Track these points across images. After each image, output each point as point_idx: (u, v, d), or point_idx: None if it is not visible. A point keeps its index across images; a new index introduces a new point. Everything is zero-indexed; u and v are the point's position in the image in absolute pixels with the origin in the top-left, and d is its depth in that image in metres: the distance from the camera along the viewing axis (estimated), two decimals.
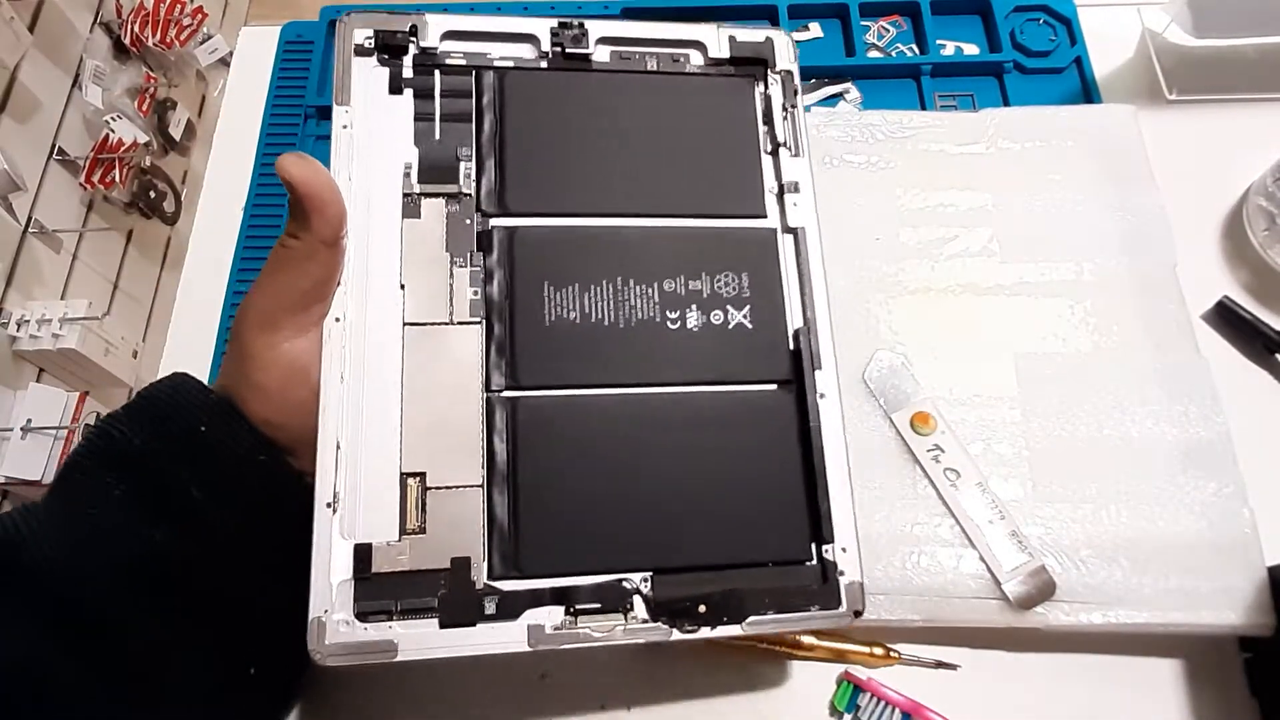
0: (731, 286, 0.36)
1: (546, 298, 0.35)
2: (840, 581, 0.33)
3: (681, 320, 0.35)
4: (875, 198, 0.51)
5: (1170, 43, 0.57)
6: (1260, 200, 0.51)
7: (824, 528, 0.34)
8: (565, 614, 0.31)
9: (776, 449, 0.35)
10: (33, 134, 1.04)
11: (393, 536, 0.32)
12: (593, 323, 0.35)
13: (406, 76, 0.37)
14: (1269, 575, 0.40)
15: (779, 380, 0.36)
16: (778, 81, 0.39)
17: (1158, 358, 0.46)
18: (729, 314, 0.36)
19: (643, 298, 0.35)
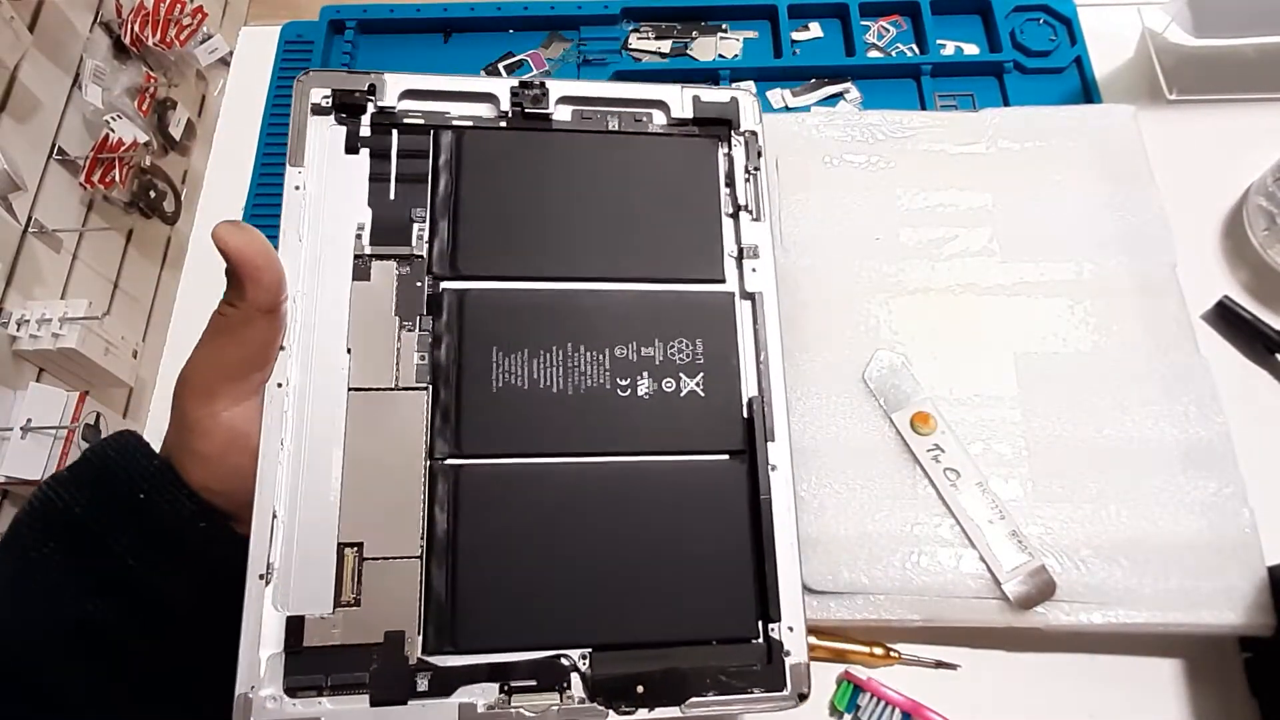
0: (685, 353, 0.35)
1: (495, 363, 0.34)
2: (786, 663, 0.32)
3: (632, 388, 0.34)
4: (875, 198, 0.51)
5: (1170, 43, 0.57)
6: (1260, 200, 0.51)
7: (770, 606, 0.32)
8: (500, 692, 0.30)
9: (725, 521, 0.34)
10: (33, 134, 1.04)
11: (327, 609, 0.31)
12: (541, 389, 0.34)
13: (364, 135, 0.36)
14: (1269, 575, 0.40)
15: (730, 451, 0.34)
16: (741, 143, 0.38)
17: (1158, 358, 0.46)
18: (681, 381, 0.35)
19: (593, 364, 0.34)
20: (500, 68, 0.60)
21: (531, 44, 0.61)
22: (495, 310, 0.35)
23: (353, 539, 0.31)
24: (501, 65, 0.60)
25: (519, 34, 0.62)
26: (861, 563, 0.42)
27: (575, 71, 0.60)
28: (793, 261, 0.49)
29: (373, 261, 0.35)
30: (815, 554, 0.42)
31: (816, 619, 0.41)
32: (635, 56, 0.60)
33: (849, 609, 0.41)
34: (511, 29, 0.62)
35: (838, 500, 0.43)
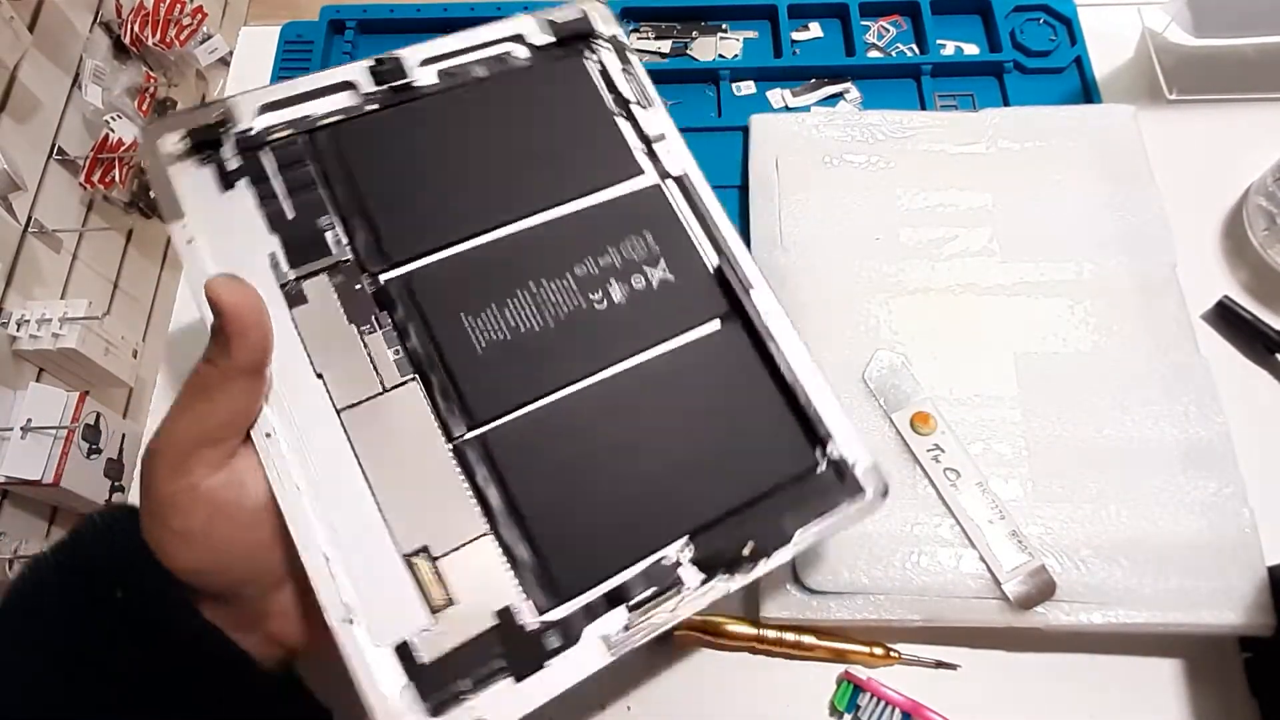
0: (640, 247, 0.36)
1: (469, 328, 0.34)
2: (855, 472, 0.34)
3: (606, 297, 0.35)
4: (875, 198, 0.51)
5: (1170, 42, 0.57)
6: (1260, 200, 0.51)
7: (817, 429, 0.34)
8: (628, 611, 0.31)
9: (744, 377, 0.35)
10: (33, 134, 1.04)
11: (425, 622, 0.30)
12: (523, 334, 0.34)
13: (235, 168, 0.35)
14: (1269, 575, 0.40)
15: (720, 315, 0.36)
16: (607, 47, 0.39)
17: (1158, 358, 0.46)
18: (649, 274, 0.36)
19: (561, 291, 0.35)
20: None
21: None
22: (446, 280, 0.34)
23: (415, 546, 0.31)
24: None
25: None
26: (861, 563, 0.42)
27: None
28: (793, 261, 0.49)
29: (302, 283, 0.34)
30: (815, 554, 0.42)
31: (816, 619, 0.41)
32: None
33: (849, 609, 0.41)
34: None
35: None
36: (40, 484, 0.92)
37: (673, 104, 0.58)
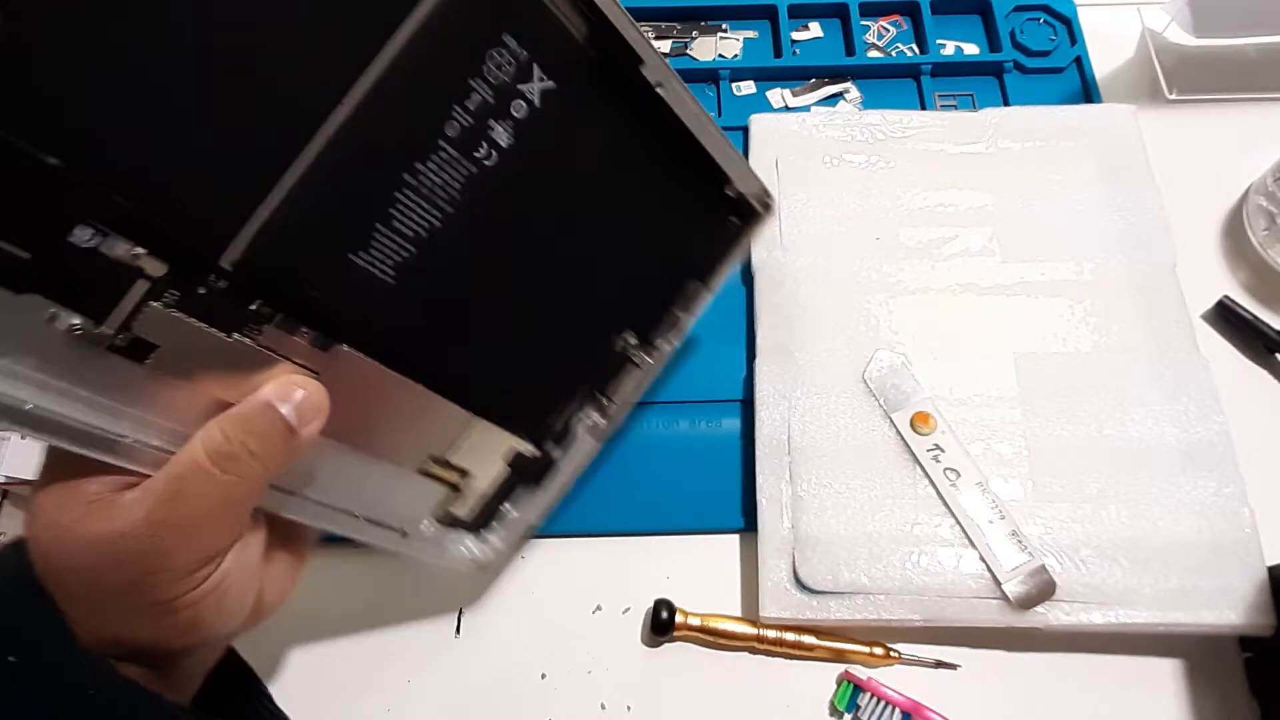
0: (506, 62, 0.28)
1: (371, 265, 0.27)
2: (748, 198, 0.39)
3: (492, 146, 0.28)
4: (875, 198, 0.51)
5: (1170, 42, 0.57)
6: (1260, 200, 0.51)
7: (730, 184, 0.38)
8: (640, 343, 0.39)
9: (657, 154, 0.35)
10: None
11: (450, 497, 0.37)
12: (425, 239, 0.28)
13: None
14: (1269, 575, 0.40)
15: (612, 104, 0.32)
16: None
17: (1158, 358, 0.46)
18: (526, 92, 0.28)
19: (442, 167, 0.27)
20: None
21: None
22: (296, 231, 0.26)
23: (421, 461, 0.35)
24: None
25: None
26: (861, 563, 0.42)
27: None
28: (793, 261, 0.49)
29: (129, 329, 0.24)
30: (815, 554, 0.42)
31: (816, 619, 0.41)
32: None
33: (849, 609, 0.41)
34: None
35: (838, 500, 0.43)
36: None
37: None
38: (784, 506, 0.43)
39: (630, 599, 0.44)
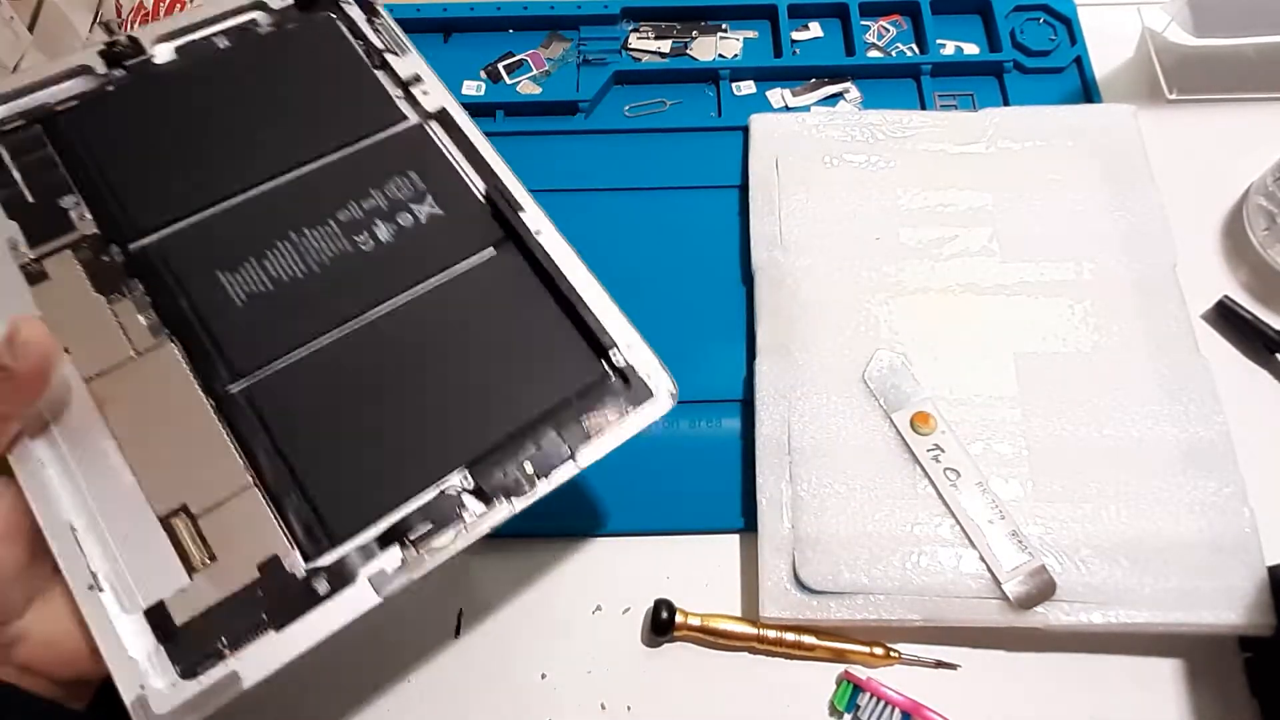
0: (405, 187, 0.36)
1: (227, 283, 0.34)
2: (641, 376, 0.34)
3: (371, 238, 0.35)
4: (875, 198, 0.51)
5: (1170, 42, 0.57)
6: (1260, 200, 0.51)
7: (602, 339, 0.34)
8: (402, 549, 0.30)
9: (522, 299, 0.35)
10: None
11: (182, 582, 0.29)
12: (285, 282, 0.34)
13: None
14: (1269, 575, 0.40)
15: (493, 242, 0.36)
16: (350, 2, 0.40)
17: (1158, 358, 0.46)
18: (415, 210, 0.36)
19: (325, 238, 0.35)
20: (500, 68, 0.60)
21: (531, 44, 0.61)
22: (199, 240, 0.35)
23: (172, 506, 0.30)
24: (501, 65, 0.60)
25: (519, 34, 0.62)
26: (861, 563, 0.42)
27: (575, 71, 0.60)
28: (793, 261, 0.49)
29: (43, 261, 0.34)
30: (815, 554, 0.42)
31: (816, 619, 0.41)
32: (635, 56, 0.60)
33: (849, 609, 0.41)
34: (511, 29, 0.62)
35: (838, 500, 0.43)
36: None
37: (673, 104, 0.58)
38: (784, 506, 0.43)
39: (630, 599, 0.44)
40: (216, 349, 0.33)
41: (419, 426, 0.32)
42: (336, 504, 0.31)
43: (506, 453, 0.32)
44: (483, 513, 0.31)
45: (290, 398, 0.32)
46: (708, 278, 0.52)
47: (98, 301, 0.33)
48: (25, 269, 0.34)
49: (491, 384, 0.33)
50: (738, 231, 0.53)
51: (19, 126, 0.36)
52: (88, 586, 0.29)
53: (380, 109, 0.38)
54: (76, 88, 0.37)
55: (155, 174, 0.36)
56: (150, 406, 0.32)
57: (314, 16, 0.40)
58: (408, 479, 0.31)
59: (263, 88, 0.38)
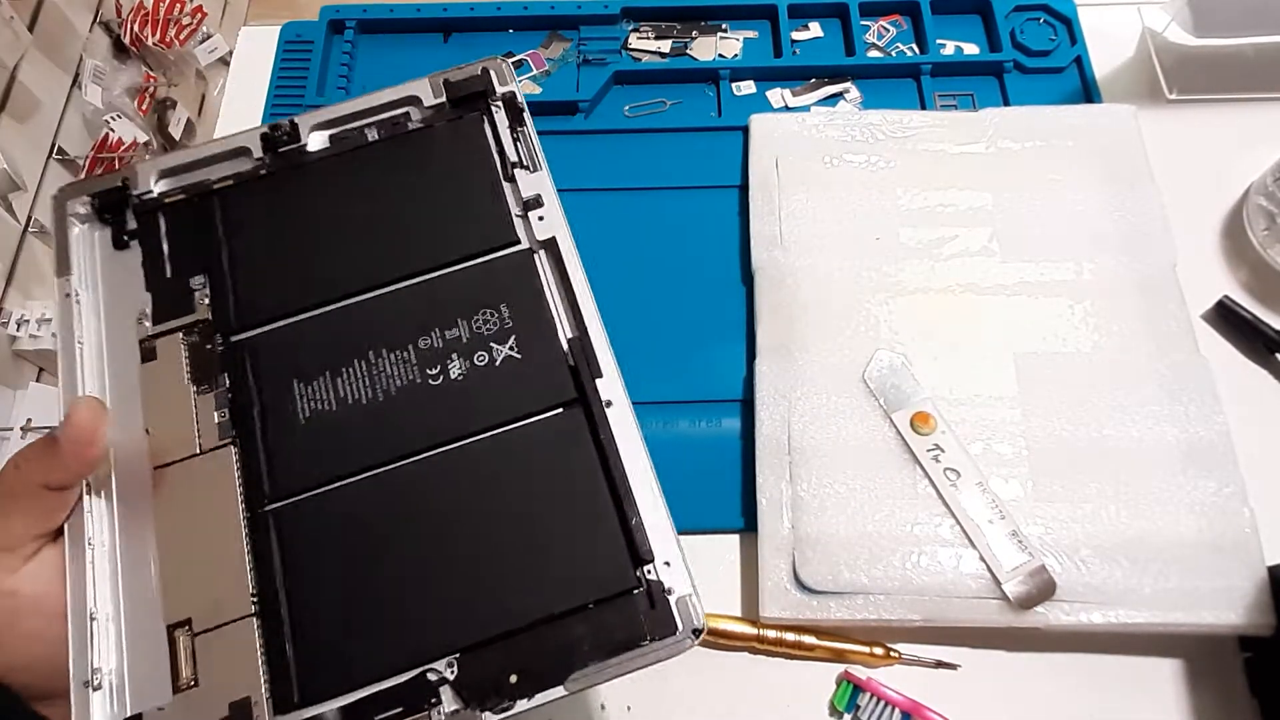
0: (492, 322, 0.34)
1: (297, 395, 0.33)
2: (670, 601, 0.30)
3: (443, 373, 0.33)
4: (875, 198, 0.51)
5: (1170, 42, 0.57)
6: (1260, 200, 0.51)
7: (640, 546, 0.30)
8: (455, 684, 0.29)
9: (574, 476, 0.32)
10: (32, 133, 1.04)
11: (164, 699, 0.29)
12: (350, 405, 0.33)
13: (130, 229, 0.37)
14: (1269, 575, 0.40)
15: (562, 402, 0.33)
16: (500, 107, 0.39)
17: (1158, 357, 0.46)
18: (494, 350, 0.34)
19: (399, 364, 0.34)
20: None
21: (531, 44, 0.61)
22: (287, 345, 0.34)
23: (180, 617, 0.30)
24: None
25: (519, 34, 0.62)
26: (861, 563, 0.42)
27: (575, 71, 0.60)
28: (793, 261, 0.49)
29: (157, 340, 0.35)
30: (815, 554, 0.42)
31: (816, 619, 0.41)
32: (635, 56, 0.60)
33: (849, 609, 0.41)
34: (511, 29, 0.62)
35: (838, 500, 0.43)
36: None
37: (673, 104, 0.58)
38: (784, 506, 0.43)
39: None
40: (268, 465, 0.32)
41: (426, 596, 0.30)
42: (315, 663, 0.29)
43: (502, 651, 0.29)
44: (453, 713, 0.29)
45: (312, 531, 0.31)
46: (708, 278, 0.52)
47: (187, 392, 0.34)
48: (143, 344, 0.35)
49: (514, 566, 0.31)
50: (738, 231, 0.53)
51: (180, 200, 0.37)
52: (84, 683, 0.29)
53: (497, 227, 0.36)
54: (233, 167, 0.38)
55: (273, 267, 0.36)
56: (194, 509, 0.32)
57: (463, 117, 0.39)
58: (395, 654, 0.29)
59: (396, 186, 0.37)
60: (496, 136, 0.38)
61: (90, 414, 0.30)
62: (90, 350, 0.34)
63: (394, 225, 0.37)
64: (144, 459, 0.32)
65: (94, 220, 0.37)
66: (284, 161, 0.38)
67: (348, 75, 0.60)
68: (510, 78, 0.39)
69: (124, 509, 0.32)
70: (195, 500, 0.32)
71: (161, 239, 0.37)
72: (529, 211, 0.36)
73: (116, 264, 0.36)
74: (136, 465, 0.32)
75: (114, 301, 0.36)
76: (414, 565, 0.31)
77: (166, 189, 0.38)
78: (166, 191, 0.37)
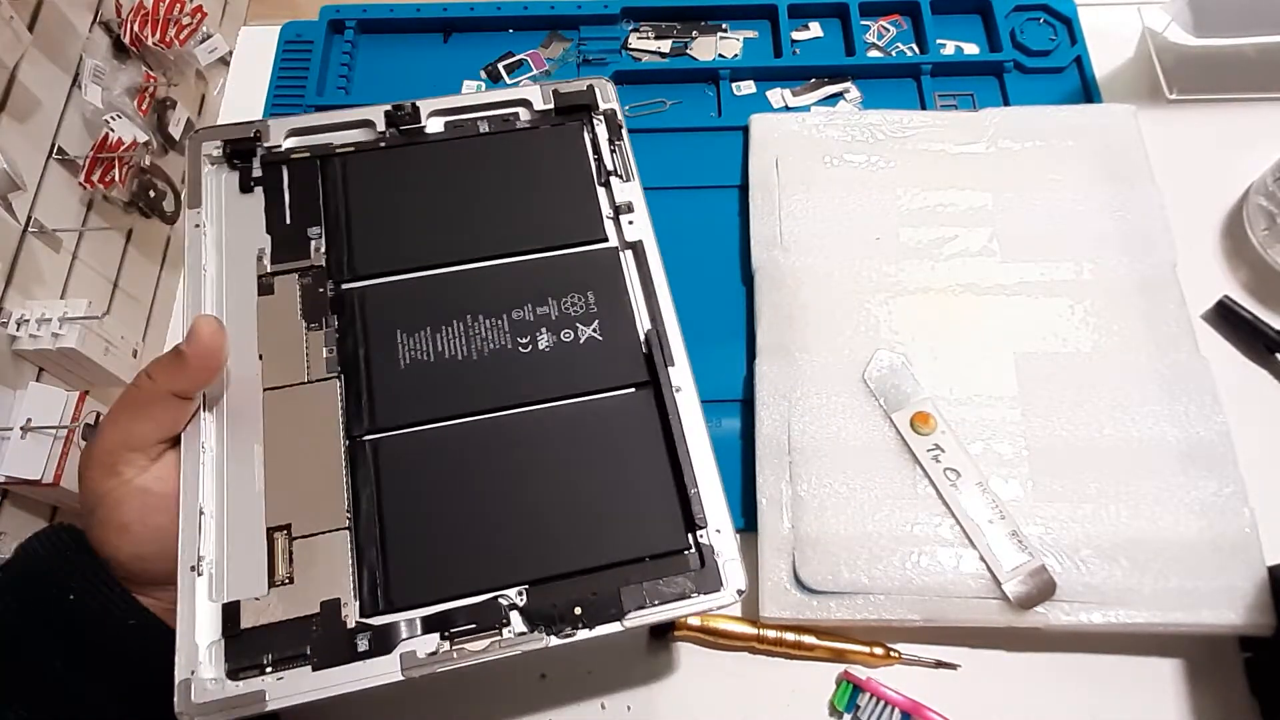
0: (579, 305, 0.38)
1: (400, 344, 0.37)
2: (718, 563, 0.33)
3: (532, 343, 0.37)
4: (875, 198, 0.51)
5: (1170, 42, 0.57)
6: (1260, 200, 0.51)
7: (695, 514, 0.34)
8: (441, 639, 0.32)
9: (641, 447, 0.36)
10: (32, 133, 1.04)
11: (262, 591, 0.32)
12: (446, 359, 0.37)
13: (256, 176, 0.41)
14: (1269, 575, 0.40)
15: (635, 383, 0.37)
16: (602, 121, 0.43)
17: (1158, 357, 0.46)
18: (579, 330, 0.38)
19: (493, 329, 0.37)
20: (500, 68, 0.60)
21: (531, 44, 0.61)
22: (394, 299, 0.38)
23: (280, 522, 0.33)
24: (501, 65, 0.60)
25: (519, 34, 0.62)
26: (861, 563, 0.42)
27: (575, 71, 0.60)
28: (793, 261, 0.49)
29: (275, 277, 0.38)
30: (815, 554, 0.42)
31: (816, 619, 0.41)
32: (635, 56, 0.60)
33: (849, 609, 0.41)
34: (511, 29, 0.62)
35: (838, 500, 0.43)
36: (40, 484, 0.92)
37: (673, 104, 0.58)
38: (784, 506, 0.43)
39: None
40: (369, 399, 0.36)
41: (504, 531, 0.34)
42: (405, 573, 0.33)
43: (566, 586, 0.33)
44: (521, 634, 0.32)
45: (407, 463, 0.35)
46: (708, 278, 0.52)
47: (299, 326, 0.37)
48: (261, 279, 0.38)
49: (582, 516, 0.34)
50: (738, 231, 0.53)
51: (304, 158, 0.41)
52: (190, 566, 0.32)
53: (589, 224, 0.40)
54: (356, 136, 0.42)
55: (386, 228, 0.40)
56: (298, 430, 0.35)
57: (566, 123, 0.43)
58: (474, 575, 0.33)
59: (501, 175, 0.41)
60: (595, 145, 0.42)
61: (211, 329, 0.34)
62: (211, 277, 0.38)
63: (497, 208, 0.40)
64: (256, 380, 0.36)
65: (223, 164, 0.41)
66: (404, 138, 0.42)
67: (348, 75, 0.60)
68: (612, 96, 0.44)
69: (234, 422, 0.35)
70: (300, 423, 0.35)
71: (284, 189, 0.40)
72: (620, 215, 0.40)
73: (241, 205, 0.40)
74: (249, 385, 0.36)
75: (236, 238, 0.39)
76: (494, 503, 0.34)
77: (293, 146, 0.42)
78: (293, 148, 0.41)
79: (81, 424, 0.97)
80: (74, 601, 0.32)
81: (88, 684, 0.31)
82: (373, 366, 0.36)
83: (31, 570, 0.32)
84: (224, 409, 0.35)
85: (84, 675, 0.31)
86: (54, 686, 0.31)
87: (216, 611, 0.32)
